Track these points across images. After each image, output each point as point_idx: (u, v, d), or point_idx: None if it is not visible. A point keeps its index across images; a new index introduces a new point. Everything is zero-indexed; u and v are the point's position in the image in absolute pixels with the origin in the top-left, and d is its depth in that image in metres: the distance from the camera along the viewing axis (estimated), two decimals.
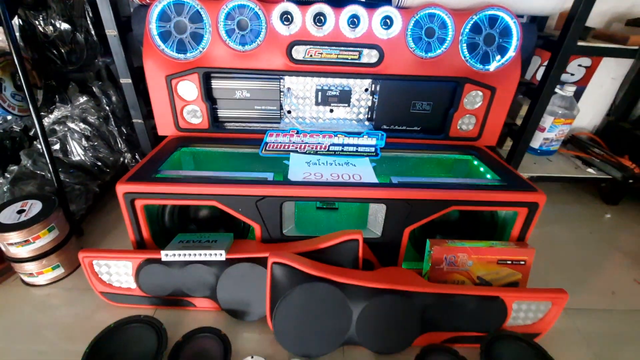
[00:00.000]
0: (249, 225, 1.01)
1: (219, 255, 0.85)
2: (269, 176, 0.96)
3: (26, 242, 0.93)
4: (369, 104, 1.21)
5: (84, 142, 1.15)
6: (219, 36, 1.02)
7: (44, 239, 0.95)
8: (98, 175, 1.21)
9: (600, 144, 1.52)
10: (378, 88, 1.15)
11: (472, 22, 1.04)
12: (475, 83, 1.11)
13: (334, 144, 1.14)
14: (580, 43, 1.13)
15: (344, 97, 1.17)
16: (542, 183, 1.59)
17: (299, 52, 1.06)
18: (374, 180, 0.96)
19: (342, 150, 1.12)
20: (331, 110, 1.22)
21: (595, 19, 1.36)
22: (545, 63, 1.45)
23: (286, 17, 1.02)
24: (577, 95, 1.52)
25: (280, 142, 1.13)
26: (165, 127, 1.15)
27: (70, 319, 0.93)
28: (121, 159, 1.24)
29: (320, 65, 1.08)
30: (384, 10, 1.03)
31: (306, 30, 1.03)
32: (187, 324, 0.88)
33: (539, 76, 1.49)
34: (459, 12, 1.04)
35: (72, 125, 1.11)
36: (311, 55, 1.07)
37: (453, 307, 0.84)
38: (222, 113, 1.17)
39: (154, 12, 0.98)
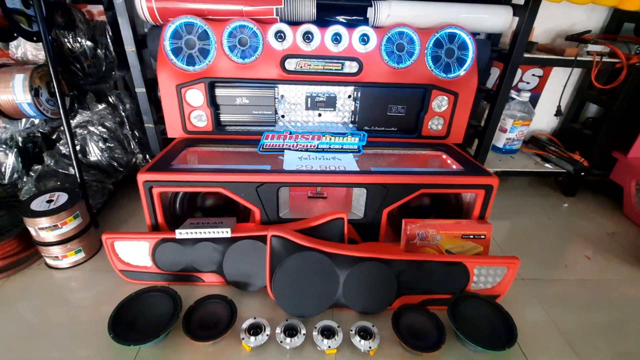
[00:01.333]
0: (249, 211, 1.16)
1: (225, 232, 1.00)
2: (267, 168, 1.13)
3: (55, 227, 1.06)
4: (352, 108, 1.39)
5: (101, 144, 1.31)
6: (223, 51, 1.20)
7: (70, 225, 1.09)
8: (113, 173, 1.36)
9: (556, 143, 1.73)
10: (359, 94, 1.34)
11: (434, 39, 1.25)
12: (441, 89, 1.31)
13: (322, 143, 1.31)
14: (526, 55, 1.35)
15: (330, 103, 1.36)
16: (509, 178, 1.79)
17: (291, 64, 1.25)
18: (356, 169, 1.13)
19: (329, 148, 1.30)
20: (319, 115, 1.40)
21: (543, 35, 1.60)
22: None
23: (280, 35, 1.21)
24: (534, 101, 1.74)
25: (275, 142, 1.30)
26: (174, 130, 1.31)
27: (93, 295, 1.06)
28: (133, 160, 1.39)
29: (309, 75, 1.26)
30: (361, 29, 1.23)
31: (297, 46, 1.22)
32: (197, 296, 1.01)
33: None
34: (424, 30, 1.25)
35: (92, 128, 1.26)
36: (301, 67, 1.25)
37: (424, 271, 1.00)
38: (224, 117, 1.34)
39: (168, 31, 1.16)
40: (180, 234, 1.00)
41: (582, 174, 1.59)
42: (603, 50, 1.37)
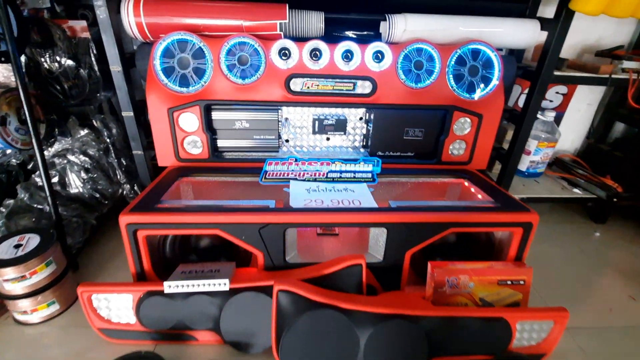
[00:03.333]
0: (250, 254, 1.01)
1: (223, 284, 0.85)
2: (271, 204, 0.98)
3: (22, 278, 0.90)
4: (364, 131, 1.26)
5: (83, 175, 1.16)
6: (221, 71, 1.07)
7: (40, 274, 0.93)
8: (96, 207, 1.20)
9: (582, 165, 1.60)
10: (372, 117, 1.20)
11: (456, 55, 1.12)
12: (463, 110, 1.18)
13: (331, 171, 1.17)
14: (556, 72, 1.22)
15: (340, 126, 1.22)
16: (531, 204, 1.64)
17: (296, 85, 1.11)
18: (374, 204, 0.99)
19: (340, 177, 1.15)
20: (328, 139, 1.26)
21: (568, 50, 1.48)
22: (526, 91, 1.56)
23: (284, 53, 1.08)
24: (557, 120, 1.62)
25: (279, 170, 1.16)
26: (165, 158, 1.17)
27: (65, 357, 0.89)
28: (120, 191, 1.24)
29: (317, 96, 1.13)
30: (375, 46, 1.10)
31: (303, 64, 1.09)
32: None
33: (520, 103, 1.58)
34: (444, 46, 1.13)
35: (72, 157, 1.12)
36: (308, 87, 1.12)
37: (459, 329, 0.85)
38: (221, 143, 1.20)
39: (159, 49, 1.03)
40: (169, 287, 0.84)
41: (615, 200, 1.45)
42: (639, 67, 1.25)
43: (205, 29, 1.07)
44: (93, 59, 1.16)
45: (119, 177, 1.23)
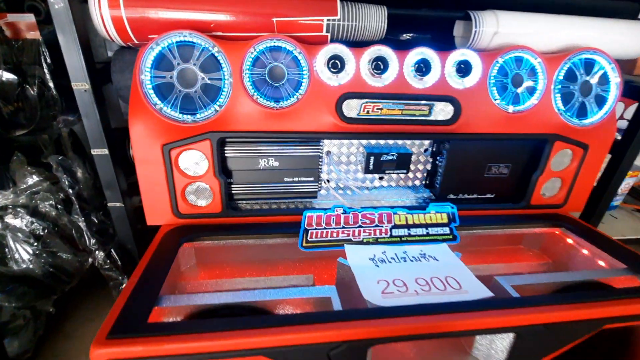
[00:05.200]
0: None
1: None
2: (332, 293, 0.64)
3: None
4: (428, 167, 0.95)
5: (33, 242, 0.77)
6: (244, 89, 0.72)
7: None
8: (53, 288, 0.81)
9: None
10: (445, 148, 0.89)
11: (565, 68, 0.83)
12: (567, 140, 0.88)
13: (396, 226, 0.84)
14: None
15: (403, 162, 0.89)
16: None
17: (351, 108, 0.78)
18: (483, 289, 0.67)
19: (409, 236, 0.83)
20: (381, 178, 0.94)
21: None
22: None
23: (334, 63, 0.75)
24: None
25: (325, 229, 0.82)
26: (157, 214, 0.80)
27: None
28: (90, 260, 0.85)
29: (379, 125, 0.81)
30: (459, 54, 0.79)
31: (361, 80, 0.77)
32: None
33: None
34: (548, 55, 0.83)
35: (13, 221, 0.73)
36: (368, 112, 0.79)
37: None
38: (239, 189, 0.85)
39: (148, 58, 0.68)
40: None
41: None
42: None
43: (218, 27, 0.72)
44: (46, 70, 0.78)
45: (87, 241, 0.84)
